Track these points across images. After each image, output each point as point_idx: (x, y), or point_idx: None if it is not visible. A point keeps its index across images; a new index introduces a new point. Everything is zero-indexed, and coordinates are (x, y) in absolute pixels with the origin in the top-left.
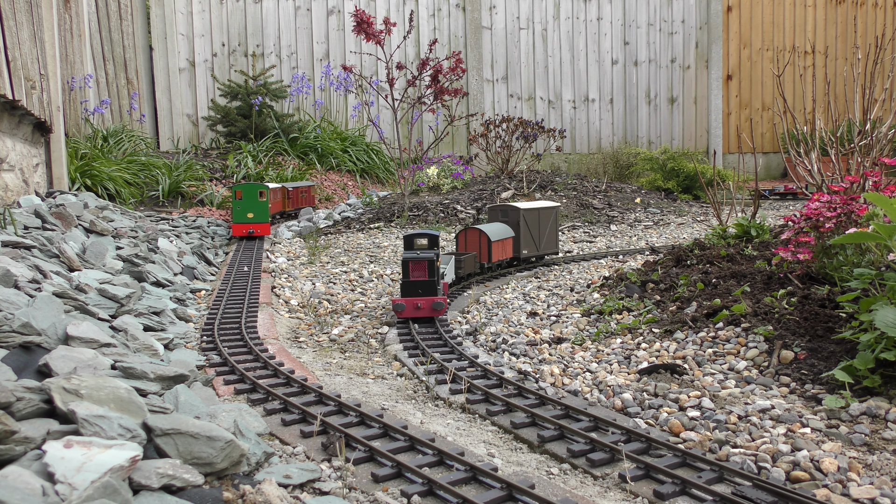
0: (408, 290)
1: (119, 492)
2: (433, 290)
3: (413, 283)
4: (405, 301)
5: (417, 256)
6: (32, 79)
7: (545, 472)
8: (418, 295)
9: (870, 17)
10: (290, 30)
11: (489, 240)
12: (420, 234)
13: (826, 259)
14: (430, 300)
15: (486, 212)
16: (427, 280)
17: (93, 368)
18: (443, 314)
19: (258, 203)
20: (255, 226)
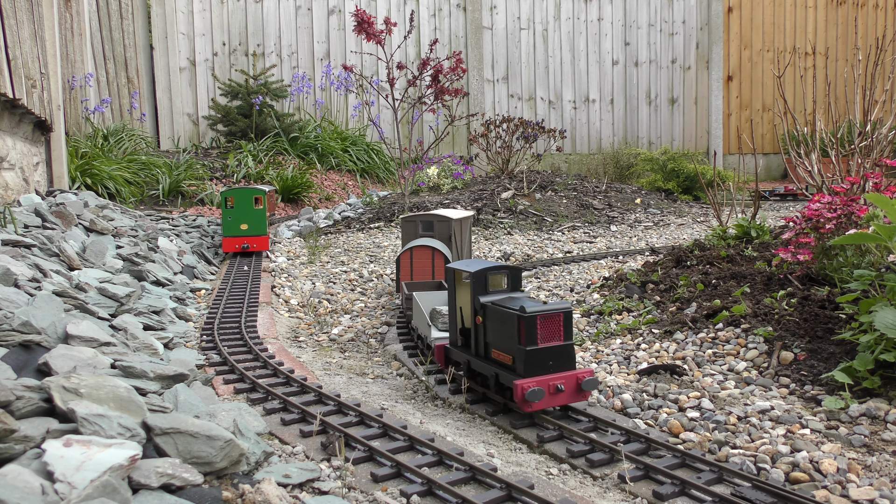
0: (534, 361)
1: (118, 491)
2: (571, 361)
3: (542, 351)
4: (539, 383)
5: (543, 310)
6: (33, 77)
7: (544, 472)
8: (549, 369)
9: (870, 18)
10: (291, 29)
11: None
12: (496, 269)
13: (826, 260)
14: (573, 378)
15: (400, 223)
16: (564, 345)
17: (92, 367)
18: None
19: (254, 212)
20: (250, 239)
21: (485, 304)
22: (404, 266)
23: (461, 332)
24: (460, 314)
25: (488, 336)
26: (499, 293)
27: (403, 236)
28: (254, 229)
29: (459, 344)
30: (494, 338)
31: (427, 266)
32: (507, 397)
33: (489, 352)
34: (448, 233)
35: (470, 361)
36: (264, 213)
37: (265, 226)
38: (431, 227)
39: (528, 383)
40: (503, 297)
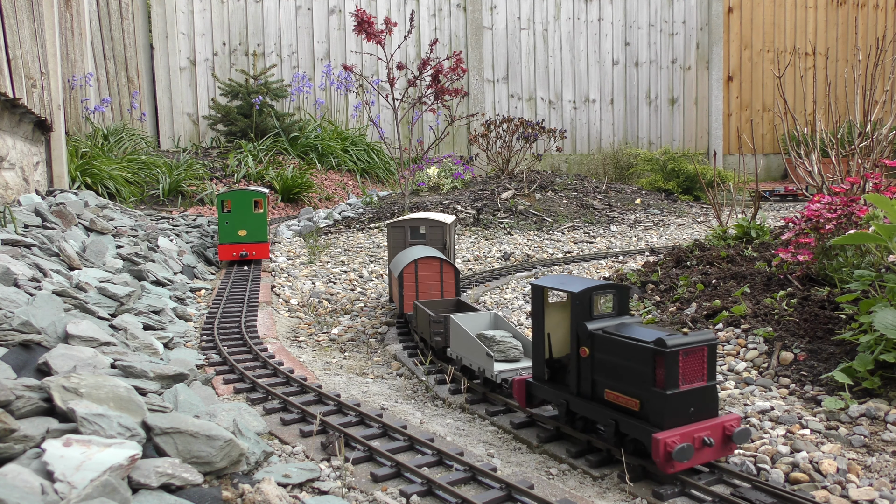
0: (674, 408)
1: (118, 490)
2: (714, 405)
3: (684, 395)
4: (684, 437)
5: (685, 343)
6: (33, 77)
7: (544, 472)
8: (691, 417)
9: (870, 18)
10: (291, 29)
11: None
12: (602, 288)
13: (826, 260)
14: (719, 427)
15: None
16: (707, 386)
17: (92, 367)
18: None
19: (253, 216)
20: (249, 246)
21: (593, 333)
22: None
23: (549, 364)
24: (548, 342)
25: (598, 372)
26: (606, 318)
27: (391, 245)
28: (253, 235)
29: (547, 378)
30: (609, 375)
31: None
32: (629, 450)
33: (599, 392)
34: (442, 239)
35: (569, 402)
36: (264, 218)
37: (265, 231)
38: (422, 233)
39: (672, 437)
40: (615, 324)
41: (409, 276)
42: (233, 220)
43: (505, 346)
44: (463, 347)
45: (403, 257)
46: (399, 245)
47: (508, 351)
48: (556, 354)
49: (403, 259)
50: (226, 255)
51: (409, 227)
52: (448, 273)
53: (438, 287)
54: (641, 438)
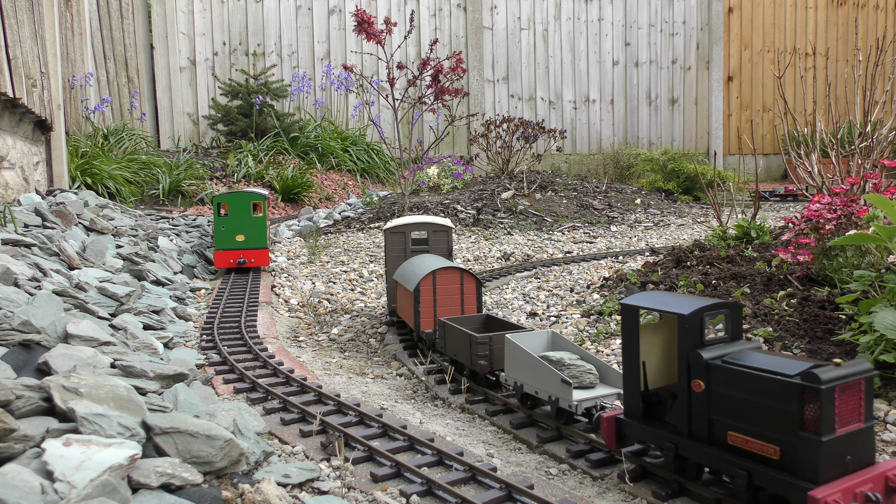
0: (830, 457)
1: (118, 490)
2: (871, 449)
3: (840, 441)
4: (845, 494)
5: (838, 376)
6: (33, 77)
7: (544, 472)
8: (847, 466)
9: (871, 19)
10: (292, 29)
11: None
12: (713, 308)
13: (826, 261)
14: (880, 478)
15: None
16: (865, 428)
17: (92, 367)
18: None
19: (252, 220)
20: (247, 253)
21: (710, 364)
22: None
23: (645, 397)
24: (643, 371)
25: (718, 411)
26: (721, 344)
27: (389, 252)
28: (252, 240)
29: (642, 414)
30: (733, 415)
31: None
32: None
33: (719, 434)
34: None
35: (678, 445)
36: (264, 222)
37: (265, 237)
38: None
39: (833, 495)
40: (733, 351)
41: (427, 289)
42: (230, 225)
43: (577, 371)
44: (524, 372)
45: (415, 268)
46: (399, 252)
47: (582, 376)
48: (652, 385)
49: (416, 270)
50: (222, 262)
51: (409, 233)
52: (469, 285)
53: (458, 301)
54: (788, 496)
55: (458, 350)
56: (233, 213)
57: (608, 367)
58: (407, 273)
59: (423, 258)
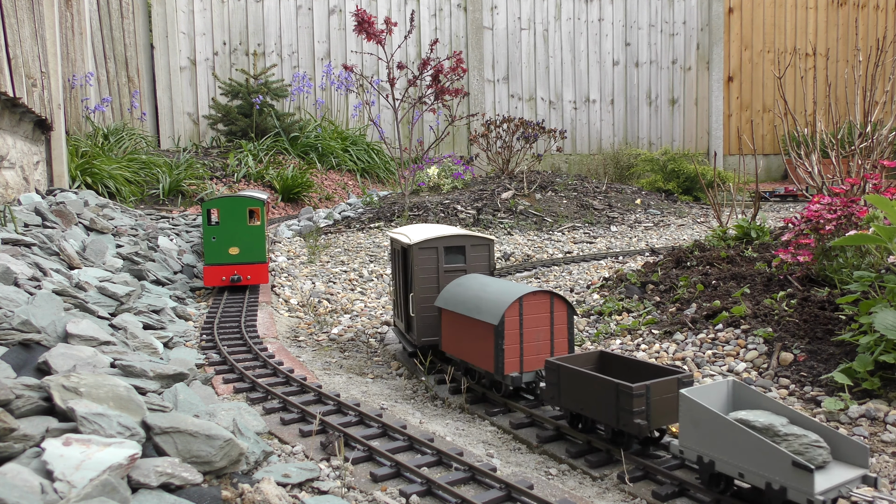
0: None
1: (118, 490)
2: None
3: None
4: None
5: None
6: (33, 76)
7: (544, 472)
8: None
9: (871, 19)
10: (292, 29)
11: (570, 318)
12: None
13: (826, 261)
14: None
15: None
16: None
17: (92, 366)
18: None
19: (248, 230)
20: (243, 268)
21: None
22: (511, 329)
23: None
24: None
25: None
26: None
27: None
28: (248, 253)
29: None
30: None
31: (543, 326)
32: None
33: None
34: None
35: None
36: (262, 232)
37: (263, 249)
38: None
39: None
40: None
41: (512, 321)
42: (222, 235)
43: (800, 444)
44: (714, 443)
45: (481, 292)
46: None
47: (809, 451)
48: None
49: (485, 295)
50: (213, 280)
51: (443, 248)
52: (560, 313)
53: (548, 334)
54: None
55: (588, 402)
56: (225, 220)
57: (836, 435)
58: (468, 299)
59: (477, 280)
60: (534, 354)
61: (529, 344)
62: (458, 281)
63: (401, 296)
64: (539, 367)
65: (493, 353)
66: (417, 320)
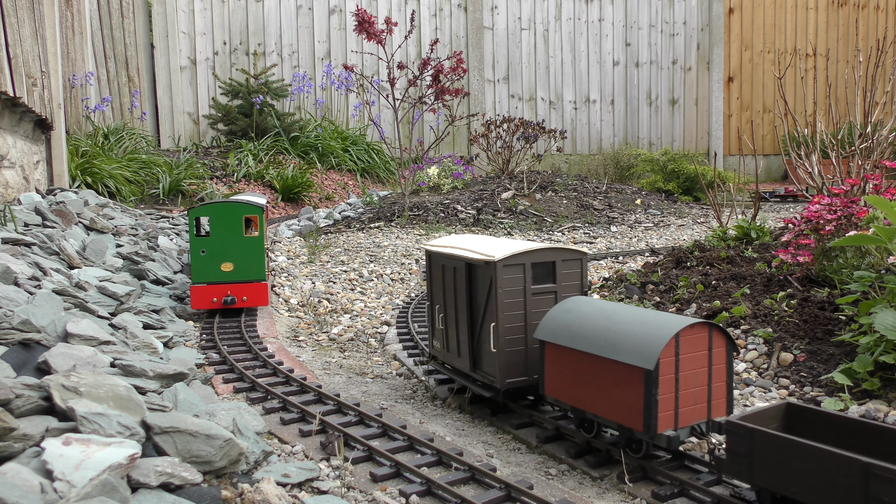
0: None
1: (117, 489)
2: None
3: None
4: None
5: None
6: (34, 76)
7: (544, 472)
8: None
9: (871, 20)
10: (292, 29)
11: (730, 357)
12: None
13: (826, 261)
14: None
15: (495, 269)
16: None
17: (92, 366)
18: None
19: (243, 242)
20: (238, 287)
21: None
22: (666, 374)
23: None
24: None
25: None
26: None
27: (500, 296)
28: (244, 270)
29: None
30: None
31: (700, 368)
32: None
33: None
34: (580, 281)
35: None
36: (261, 245)
37: (263, 264)
38: (552, 269)
39: None
40: None
41: (668, 364)
42: (213, 248)
43: None
44: None
45: (609, 323)
46: (515, 297)
47: None
48: None
49: (625, 329)
50: (201, 302)
51: (531, 265)
52: (719, 350)
53: (705, 379)
54: None
55: (806, 484)
56: (217, 230)
57: None
58: (592, 331)
59: (593, 306)
60: (690, 405)
61: (686, 392)
62: (566, 307)
63: (462, 325)
64: (694, 420)
65: (639, 404)
66: (500, 357)
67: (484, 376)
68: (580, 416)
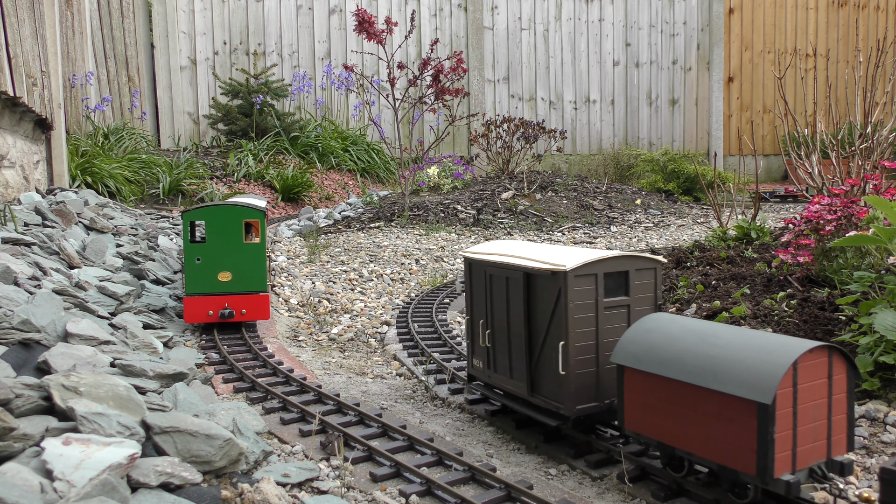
0: None
1: (117, 489)
2: None
3: None
4: None
5: None
6: (34, 76)
7: (544, 472)
8: None
9: (871, 20)
10: (292, 28)
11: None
12: None
13: (826, 262)
14: None
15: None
16: None
17: (92, 366)
18: None
19: (243, 250)
20: (237, 299)
21: None
22: (783, 408)
23: None
24: None
25: None
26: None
27: (572, 312)
28: (243, 281)
29: None
30: None
31: (819, 399)
32: None
33: None
34: (654, 293)
35: None
36: (262, 252)
37: (264, 274)
38: (625, 280)
39: None
40: None
41: (785, 395)
42: (209, 256)
43: None
44: None
45: (711, 348)
46: (587, 312)
47: None
48: None
49: (729, 354)
50: (196, 315)
51: (603, 275)
52: (839, 377)
53: (825, 412)
54: None
55: None
56: (214, 236)
57: None
58: (686, 355)
59: (682, 325)
60: (808, 443)
61: (804, 428)
62: (647, 326)
63: (517, 343)
64: (813, 461)
65: (751, 444)
66: (570, 380)
67: (546, 402)
68: (668, 453)
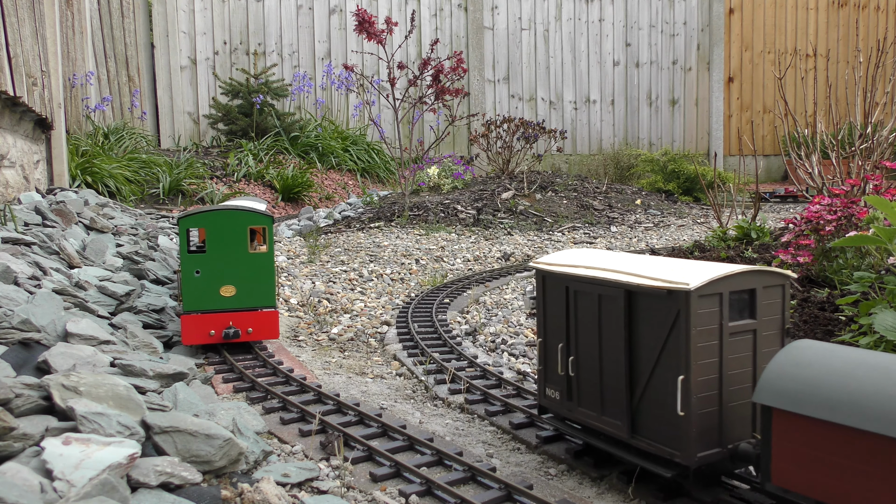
0: None
1: (117, 489)
2: None
3: None
4: None
5: None
6: (34, 75)
7: (544, 472)
8: None
9: (871, 20)
10: (292, 28)
11: None
12: None
13: (826, 262)
14: None
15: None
16: None
17: (92, 366)
18: None
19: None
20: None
21: None
22: None
23: None
24: None
25: None
26: None
27: (695, 339)
28: (249, 295)
29: None
30: None
31: None
32: None
33: None
34: (781, 316)
35: None
36: (271, 262)
37: (272, 287)
38: (752, 299)
39: None
40: None
41: None
42: (210, 267)
43: None
44: None
45: None
46: (711, 339)
47: None
48: None
49: None
50: (195, 335)
51: (728, 294)
52: None
53: None
54: None
55: None
56: (215, 245)
57: None
58: (872, 400)
59: (845, 355)
60: None
61: None
62: (800, 359)
63: (613, 374)
64: None
65: None
66: (691, 421)
67: (653, 446)
68: None
